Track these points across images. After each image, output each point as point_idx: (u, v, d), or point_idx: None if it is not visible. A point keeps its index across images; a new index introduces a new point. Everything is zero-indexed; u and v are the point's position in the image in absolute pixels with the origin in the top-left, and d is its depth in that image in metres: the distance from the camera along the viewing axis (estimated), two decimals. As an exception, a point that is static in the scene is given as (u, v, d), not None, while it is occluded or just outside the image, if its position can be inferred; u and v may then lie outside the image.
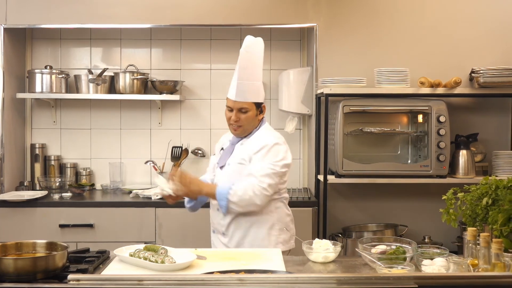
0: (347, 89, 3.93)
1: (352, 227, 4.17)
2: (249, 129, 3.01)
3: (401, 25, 4.24)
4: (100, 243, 3.49)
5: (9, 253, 2.25)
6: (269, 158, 2.89)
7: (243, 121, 2.96)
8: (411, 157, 4.12)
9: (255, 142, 2.97)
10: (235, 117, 2.95)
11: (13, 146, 4.44)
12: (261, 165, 2.87)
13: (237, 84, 2.92)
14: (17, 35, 4.49)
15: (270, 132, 3.05)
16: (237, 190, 2.84)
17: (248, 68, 2.94)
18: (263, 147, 2.91)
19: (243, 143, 3.02)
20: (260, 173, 2.86)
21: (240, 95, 2.93)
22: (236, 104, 2.94)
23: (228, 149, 3.07)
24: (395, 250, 2.41)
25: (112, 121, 4.69)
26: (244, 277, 1.88)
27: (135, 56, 4.70)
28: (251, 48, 2.97)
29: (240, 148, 3.01)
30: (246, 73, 2.93)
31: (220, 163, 3.06)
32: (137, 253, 2.36)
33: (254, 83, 2.97)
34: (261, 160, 2.89)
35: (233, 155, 3.01)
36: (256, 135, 3.02)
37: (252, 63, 2.96)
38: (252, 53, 2.96)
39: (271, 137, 2.99)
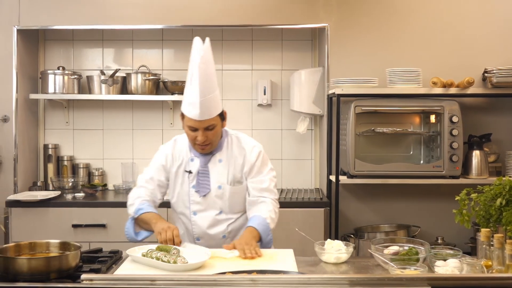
0: (359, 89, 3.92)
1: (364, 227, 4.15)
2: (217, 142, 2.80)
3: (413, 24, 4.22)
4: (113, 243, 3.50)
5: (23, 253, 2.27)
6: (264, 167, 2.86)
7: (212, 137, 2.71)
8: (424, 157, 4.10)
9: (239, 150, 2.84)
10: (202, 138, 2.67)
11: (26, 147, 4.47)
12: (265, 178, 2.84)
13: (200, 103, 2.60)
14: (30, 37, 4.52)
15: (239, 132, 2.94)
16: (271, 217, 2.76)
17: (208, 80, 2.63)
18: (260, 153, 2.85)
19: (221, 160, 2.82)
20: (270, 186, 2.84)
21: (205, 113, 2.63)
22: (201, 123, 2.65)
23: (203, 171, 2.80)
24: (407, 251, 2.40)
25: (124, 121, 4.71)
26: (256, 277, 1.88)
27: (147, 57, 4.71)
28: (205, 57, 2.64)
29: (221, 167, 2.81)
30: (207, 87, 2.63)
31: (201, 191, 2.79)
32: (149, 253, 2.37)
33: (215, 94, 2.68)
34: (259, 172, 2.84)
35: (216, 177, 2.80)
36: (229, 143, 2.86)
37: (210, 73, 2.66)
38: (208, 63, 2.65)
39: (249, 138, 2.93)
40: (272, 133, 4.71)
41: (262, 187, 2.83)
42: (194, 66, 2.61)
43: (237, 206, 2.84)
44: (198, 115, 2.63)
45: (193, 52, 2.65)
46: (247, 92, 4.72)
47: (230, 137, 2.88)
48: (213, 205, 2.81)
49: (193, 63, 2.63)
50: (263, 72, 4.70)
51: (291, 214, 3.98)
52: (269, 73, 4.70)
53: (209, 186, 2.79)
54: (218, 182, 2.80)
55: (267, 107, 4.70)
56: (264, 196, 2.82)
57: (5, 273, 2.07)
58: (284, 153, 4.72)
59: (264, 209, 2.77)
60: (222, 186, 2.80)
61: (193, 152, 2.83)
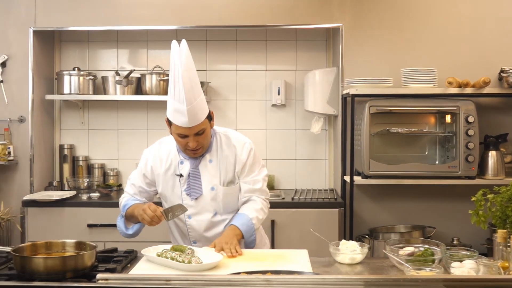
0: (373, 90, 3.90)
1: (379, 228, 4.13)
2: (208, 143, 2.74)
3: (428, 24, 4.20)
4: (128, 243, 3.51)
5: (39, 252, 2.29)
6: (256, 165, 2.82)
7: (203, 141, 2.66)
8: (439, 158, 4.07)
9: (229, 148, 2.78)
10: (193, 143, 2.62)
11: (42, 147, 4.51)
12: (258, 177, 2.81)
13: (188, 110, 2.52)
14: (46, 38, 4.56)
15: (225, 129, 2.88)
16: (257, 217, 2.74)
17: (192, 87, 2.55)
18: (251, 149, 2.80)
19: (211, 160, 2.76)
20: (261, 186, 2.81)
21: (193, 120, 2.56)
22: (191, 130, 2.59)
23: (194, 174, 2.75)
24: (423, 252, 2.38)
25: (139, 122, 4.73)
26: (271, 278, 1.88)
27: (161, 58, 4.73)
28: (187, 64, 2.54)
29: (212, 167, 2.76)
30: (193, 93, 2.55)
31: (193, 194, 2.75)
32: (164, 253, 2.38)
33: (200, 98, 2.60)
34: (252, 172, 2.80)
35: (206, 179, 2.75)
36: (218, 142, 2.80)
37: (193, 79, 2.57)
38: (190, 69, 2.56)
39: (237, 133, 2.87)
40: (286, 133, 4.71)
41: (255, 188, 2.80)
42: (177, 75, 2.53)
43: (231, 206, 2.80)
44: (187, 122, 2.56)
45: (172, 59, 2.56)
46: (261, 93, 4.72)
47: (218, 135, 2.81)
48: (208, 208, 2.76)
49: (176, 72, 2.54)
50: (277, 72, 4.70)
51: (306, 214, 3.98)
52: (283, 74, 4.69)
53: (200, 188, 2.75)
54: (211, 184, 2.75)
55: (281, 108, 4.70)
56: (254, 195, 2.81)
57: (22, 272, 2.09)
58: (298, 153, 4.71)
59: (252, 208, 2.75)
60: (215, 187, 2.75)
61: (182, 154, 2.78)
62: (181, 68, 2.52)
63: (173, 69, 2.56)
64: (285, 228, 3.99)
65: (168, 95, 2.64)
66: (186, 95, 2.52)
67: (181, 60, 2.53)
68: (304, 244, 3.16)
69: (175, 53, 2.55)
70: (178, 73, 2.53)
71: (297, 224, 3.98)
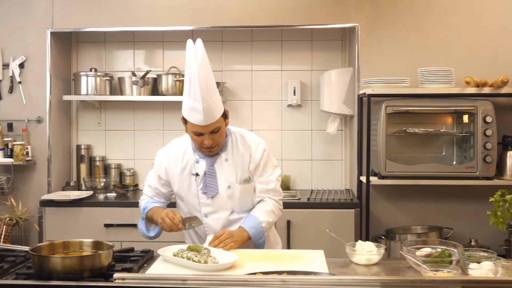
0: (390, 90, 3.88)
1: (396, 229, 4.11)
2: (223, 141, 2.76)
3: (445, 23, 4.17)
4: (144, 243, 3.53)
5: (56, 251, 2.30)
6: (269, 165, 2.83)
7: (218, 139, 2.68)
8: (457, 158, 4.04)
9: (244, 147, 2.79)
10: (209, 141, 2.64)
11: (59, 147, 4.55)
12: (272, 178, 2.82)
13: (203, 108, 2.54)
14: (63, 39, 4.60)
15: (240, 129, 2.89)
16: (268, 220, 2.74)
17: (208, 86, 2.56)
18: (265, 150, 2.81)
19: (228, 159, 2.77)
20: (274, 186, 2.82)
21: (209, 118, 2.58)
22: (207, 128, 2.61)
23: (210, 172, 2.76)
24: (440, 253, 2.36)
25: (155, 122, 4.75)
26: (287, 278, 1.88)
27: (177, 58, 4.75)
28: (202, 62, 2.56)
29: (228, 166, 2.77)
30: (208, 92, 2.57)
31: (209, 192, 2.76)
32: (180, 253, 2.39)
33: (216, 97, 2.62)
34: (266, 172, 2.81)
35: (223, 177, 2.76)
36: (233, 140, 2.81)
37: (208, 78, 2.59)
38: (205, 68, 2.58)
39: (251, 133, 2.88)
40: (302, 133, 4.70)
41: (268, 188, 2.81)
42: (193, 74, 2.54)
43: (247, 205, 2.81)
44: (202, 120, 2.58)
45: (188, 58, 2.58)
46: (276, 93, 4.71)
47: (234, 135, 2.83)
48: (224, 206, 2.77)
49: (191, 70, 2.56)
50: (292, 72, 4.69)
51: (322, 215, 3.97)
52: (299, 74, 4.69)
53: (216, 187, 2.75)
54: (227, 182, 2.76)
55: (296, 108, 4.69)
56: (269, 196, 2.81)
57: (40, 271, 2.11)
58: (314, 153, 4.70)
59: (262, 211, 2.75)
60: (231, 186, 2.76)
61: (198, 153, 2.79)
62: (196, 67, 2.53)
63: (189, 68, 2.57)
64: (301, 229, 3.99)
65: (183, 93, 2.65)
66: (202, 94, 2.53)
67: (196, 59, 2.54)
68: (320, 245, 3.15)
69: (191, 52, 2.58)
70: (193, 72, 2.54)
71: (313, 225, 3.97)
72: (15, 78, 4.37)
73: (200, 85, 2.52)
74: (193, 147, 2.80)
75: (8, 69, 4.38)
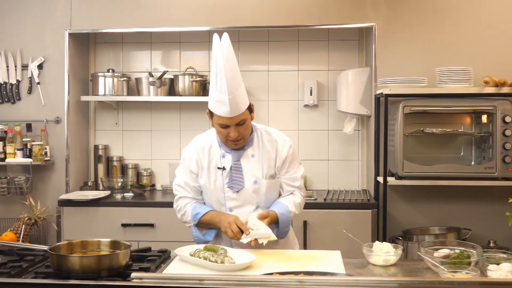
0: (407, 89, 3.86)
1: (413, 230, 4.08)
2: (249, 135, 2.77)
3: (463, 22, 4.13)
4: (161, 242, 3.54)
5: (75, 251, 2.32)
6: (295, 162, 2.85)
7: (244, 132, 2.69)
8: (475, 158, 4.00)
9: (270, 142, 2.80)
10: (235, 134, 2.66)
11: (77, 147, 4.58)
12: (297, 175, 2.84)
13: (229, 100, 2.57)
14: (81, 40, 4.63)
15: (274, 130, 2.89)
16: (294, 210, 2.77)
17: (234, 77, 2.60)
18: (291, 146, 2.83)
19: (254, 155, 2.78)
20: (299, 184, 2.84)
21: (235, 110, 2.61)
22: (233, 120, 2.63)
23: (236, 167, 2.77)
24: (459, 254, 2.33)
25: (172, 122, 4.77)
26: (304, 279, 1.87)
27: (193, 59, 4.76)
28: (228, 55, 2.59)
29: (254, 161, 2.78)
30: (234, 83, 2.59)
31: (235, 187, 2.75)
32: (197, 253, 2.39)
33: (241, 89, 2.65)
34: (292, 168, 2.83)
35: (249, 172, 2.76)
36: (259, 136, 2.82)
37: (234, 70, 2.62)
38: (231, 60, 2.61)
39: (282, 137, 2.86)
40: (319, 134, 4.69)
41: (294, 185, 2.83)
42: (219, 65, 2.58)
43: (272, 200, 2.81)
44: (228, 112, 2.60)
45: (214, 52, 2.62)
46: (293, 93, 4.71)
47: (259, 131, 2.84)
48: (250, 201, 2.77)
49: (217, 63, 2.59)
50: (309, 72, 4.68)
51: (338, 215, 3.95)
52: (316, 74, 4.68)
53: (242, 181, 2.75)
54: (254, 177, 2.76)
55: (313, 108, 4.68)
56: (295, 192, 2.84)
57: (58, 271, 2.12)
58: (331, 154, 4.69)
59: (292, 201, 2.78)
60: (258, 181, 2.76)
61: (224, 148, 2.79)
62: (222, 58, 2.56)
63: (215, 61, 2.60)
64: (317, 229, 3.98)
65: (210, 87, 2.68)
66: (228, 85, 2.56)
67: (222, 52, 2.57)
68: (336, 245, 3.14)
69: (217, 46, 2.60)
70: (219, 64, 2.57)
71: (330, 225, 3.95)
72: (34, 79, 4.42)
73: (226, 76, 2.56)
74: (219, 141, 2.81)
75: (27, 70, 4.43)
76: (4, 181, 4.31)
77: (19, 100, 4.44)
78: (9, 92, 4.43)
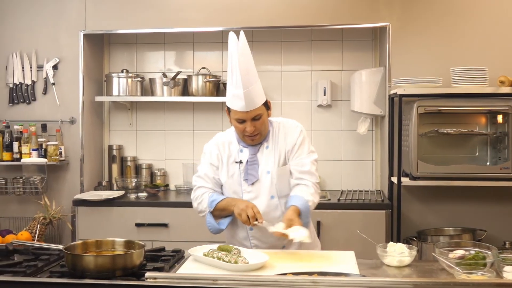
0: (421, 89, 3.84)
1: (427, 230, 4.05)
2: (265, 131, 2.83)
3: (478, 21, 4.09)
4: (174, 242, 3.56)
5: (89, 250, 2.34)
6: (305, 147, 2.84)
7: (260, 127, 2.75)
8: (490, 159, 3.97)
9: (283, 133, 2.85)
10: (251, 128, 2.72)
11: (92, 148, 4.61)
12: (306, 160, 2.81)
13: (244, 94, 2.65)
14: (95, 41, 4.66)
15: (282, 118, 2.95)
16: (313, 199, 2.75)
17: (248, 72, 2.68)
18: (301, 131, 2.85)
19: (268, 146, 2.85)
20: (310, 168, 2.81)
21: (250, 104, 2.68)
22: (248, 114, 2.70)
23: (252, 160, 2.83)
24: (474, 255, 2.32)
25: (185, 123, 4.79)
26: (318, 279, 1.87)
27: (207, 59, 4.77)
28: (243, 50, 2.68)
29: (268, 153, 2.84)
30: (249, 78, 2.67)
31: (250, 179, 2.81)
32: (211, 253, 2.40)
33: (257, 84, 2.73)
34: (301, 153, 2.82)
35: (264, 163, 2.82)
36: (274, 130, 2.87)
37: (249, 65, 2.70)
38: (246, 55, 2.69)
39: (294, 124, 2.89)
40: (332, 134, 4.67)
41: (302, 170, 2.80)
42: (234, 61, 2.66)
43: (285, 189, 2.82)
44: (244, 106, 2.67)
45: (230, 48, 2.68)
46: (306, 93, 4.70)
47: (275, 124, 2.89)
48: (265, 191, 2.81)
49: (232, 57, 2.67)
50: (322, 72, 4.67)
51: (352, 216, 3.94)
52: (329, 74, 4.66)
53: (257, 174, 2.81)
54: (267, 168, 2.81)
55: (327, 108, 4.67)
56: (305, 178, 2.80)
57: (73, 270, 2.14)
58: (345, 154, 4.67)
59: (306, 191, 2.75)
60: (270, 171, 2.81)
61: (242, 143, 2.86)
62: (237, 54, 2.64)
63: (230, 57, 2.68)
64: (331, 229, 3.97)
65: (227, 84, 2.76)
66: (243, 80, 2.64)
67: (238, 47, 2.65)
68: (350, 246, 3.13)
69: (233, 43, 2.68)
70: (234, 59, 2.65)
71: (343, 226, 3.94)
72: (49, 79, 4.45)
73: (241, 71, 2.63)
74: (237, 138, 2.87)
75: (42, 71, 4.47)
76: (20, 181, 4.35)
77: (34, 101, 4.48)
78: (24, 93, 4.47)
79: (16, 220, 4.42)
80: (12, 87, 4.48)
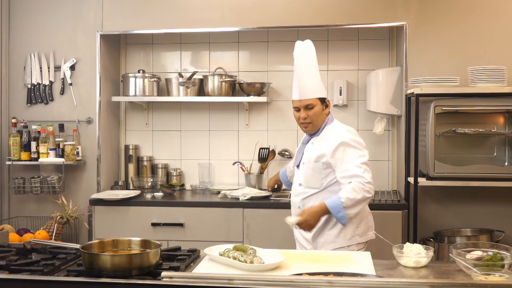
0: (439, 89, 3.81)
1: (444, 231, 4.02)
2: (319, 124, 3.16)
3: (496, 20, 4.05)
4: (190, 242, 3.57)
5: (106, 249, 2.35)
6: (355, 153, 3.02)
7: (312, 116, 3.12)
8: (509, 159, 3.92)
9: (329, 137, 3.11)
10: (304, 115, 3.11)
11: (108, 147, 4.64)
12: (353, 164, 2.98)
13: (299, 84, 3.12)
14: (112, 41, 4.69)
15: (340, 125, 3.19)
16: (347, 195, 2.90)
17: (309, 66, 3.14)
18: (341, 144, 3.03)
19: (313, 142, 3.18)
20: (357, 172, 2.96)
21: (303, 93, 3.11)
22: (301, 103, 3.12)
23: (300, 149, 3.27)
24: (492, 257, 2.29)
25: (201, 123, 4.80)
26: (333, 279, 1.86)
27: (223, 59, 4.78)
28: (305, 50, 3.16)
29: (311, 148, 3.16)
30: (305, 72, 3.12)
31: (295, 163, 3.29)
32: (226, 253, 2.40)
33: (312, 80, 3.14)
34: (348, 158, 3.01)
35: (305, 155, 3.19)
36: (326, 131, 3.15)
37: (306, 63, 3.14)
38: (304, 54, 3.15)
39: (344, 130, 3.12)
40: (348, 134, 4.65)
41: (348, 175, 2.99)
42: (295, 58, 3.15)
43: (311, 181, 3.13)
44: (297, 95, 3.13)
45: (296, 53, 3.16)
46: (322, 93, 4.67)
47: (330, 127, 3.16)
48: (298, 177, 3.22)
49: (298, 57, 3.14)
50: (339, 72, 4.66)
51: (368, 216, 3.92)
52: (345, 73, 4.65)
53: (298, 161, 3.23)
54: (304, 159, 3.18)
55: (343, 108, 4.65)
56: (351, 181, 2.97)
57: (90, 269, 2.15)
58: (360, 154, 4.64)
59: (344, 190, 2.96)
60: (305, 162, 3.16)
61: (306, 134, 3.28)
62: (301, 52, 3.14)
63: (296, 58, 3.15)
64: (347, 230, 3.94)
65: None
66: (300, 71, 3.12)
67: (304, 48, 3.14)
68: (366, 246, 3.12)
69: (301, 45, 3.16)
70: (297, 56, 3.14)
71: (359, 226, 3.91)
72: (66, 80, 4.49)
73: (299, 65, 3.12)
74: None
75: (59, 71, 4.51)
76: (37, 180, 4.39)
77: (52, 101, 4.53)
78: (42, 93, 4.52)
79: (33, 219, 4.47)
80: (30, 88, 4.53)
